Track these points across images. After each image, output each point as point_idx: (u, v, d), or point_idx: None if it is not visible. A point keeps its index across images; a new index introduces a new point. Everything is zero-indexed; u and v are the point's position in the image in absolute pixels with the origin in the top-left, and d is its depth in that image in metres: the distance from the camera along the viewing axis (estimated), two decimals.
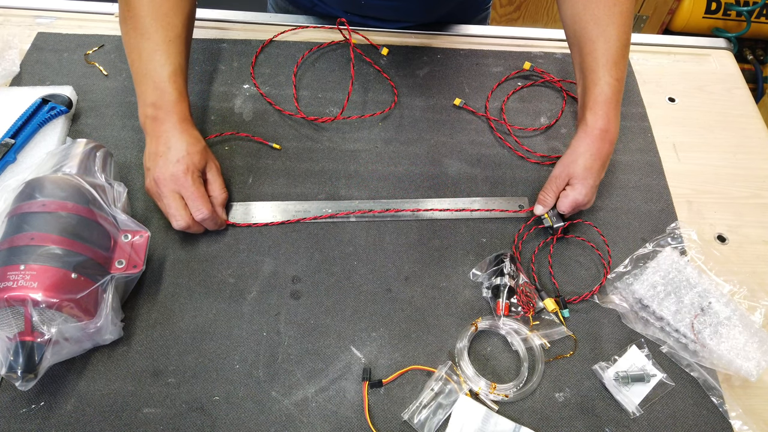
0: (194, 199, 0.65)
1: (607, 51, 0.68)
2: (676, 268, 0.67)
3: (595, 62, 0.68)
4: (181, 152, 0.65)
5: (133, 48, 0.69)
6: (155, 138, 0.66)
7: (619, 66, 0.68)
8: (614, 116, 0.68)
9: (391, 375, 0.61)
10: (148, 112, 0.67)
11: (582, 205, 0.69)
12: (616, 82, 0.68)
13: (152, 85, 0.67)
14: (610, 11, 0.69)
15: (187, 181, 0.64)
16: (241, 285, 0.66)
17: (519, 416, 0.60)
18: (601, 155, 0.67)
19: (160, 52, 0.67)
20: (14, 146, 0.71)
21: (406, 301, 0.67)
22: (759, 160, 0.83)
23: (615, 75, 0.68)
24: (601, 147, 0.67)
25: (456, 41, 0.94)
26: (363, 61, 0.89)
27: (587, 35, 0.70)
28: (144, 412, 0.58)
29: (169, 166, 0.64)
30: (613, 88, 0.67)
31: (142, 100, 0.68)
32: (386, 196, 0.75)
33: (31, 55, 0.84)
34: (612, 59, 0.68)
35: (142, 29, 0.68)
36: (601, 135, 0.67)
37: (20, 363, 0.53)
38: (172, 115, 0.66)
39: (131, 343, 0.62)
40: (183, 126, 0.67)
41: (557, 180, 0.69)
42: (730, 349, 0.62)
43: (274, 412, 0.59)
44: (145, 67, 0.67)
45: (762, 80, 2.02)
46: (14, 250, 0.55)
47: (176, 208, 0.64)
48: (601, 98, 0.67)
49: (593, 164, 0.67)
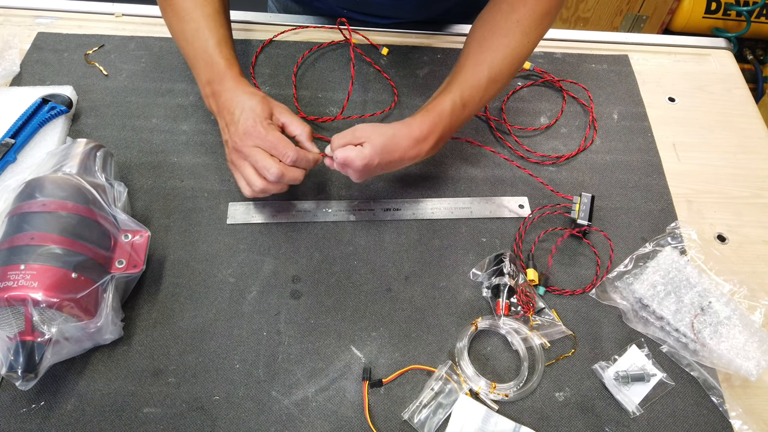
0: (276, 144, 0.61)
1: (472, 72, 0.67)
2: (676, 268, 0.67)
3: (457, 77, 0.68)
4: (242, 110, 0.63)
5: (178, 35, 0.70)
6: (219, 113, 0.66)
7: (474, 91, 0.67)
8: (439, 132, 0.65)
9: (391, 375, 0.61)
10: (207, 91, 0.67)
11: (351, 169, 0.64)
12: (462, 104, 0.66)
13: (203, 64, 0.67)
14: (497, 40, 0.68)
15: (260, 132, 0.61)
16: (241, 285, 0.66)
17: (519, 416, 0.60)
18: (403, 154, 0.64)
19: (202, 30, 0.68)
20: (14, 146, 0.71)
21: (406, 300, 0.67)
22: (759, 160, 0.83)
23: (465, 98, 0.66)
24: (409, 148, 0.64)
25: (456, 41, 0.94)
26: (363, 61, 0.89)
27: (467, 50, 0.70)
28: (144, 411, 0.58)
29: (239, 127, 0.62)
30: (454, 106, 0.66)
31: (199, 82, 0.68)
32: (386, 196, 0.75)
33: (31, 55, 0.84)
34: (471, 83, 0.67)
35: (182, 13, 0.69)
36: (417, 139, 0.64)
37: (20, 363, 0.53)
38: (225, 82, 0.66)
39: (131, 342, 0.62)
40: (238, 87, 0.65)
41: (356, 132, 0.64)
42: (730, 348, 0.62)
43: (275, 412, 0.59)
44: (192, 49, 0.68)
45: (762, 80, 2.02)
46: (14, 250, 0.55)
47: (263, 160, 0.61)
48: (438, 109, 0.65)
49: (391, 152, 0.63)
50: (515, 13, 0.68)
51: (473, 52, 0.69)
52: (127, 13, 0.91)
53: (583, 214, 0.72)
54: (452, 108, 0.66)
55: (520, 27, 0.68)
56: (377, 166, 0.64)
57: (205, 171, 0.75)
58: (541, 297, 0.67)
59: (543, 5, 0.68)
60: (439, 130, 0.65)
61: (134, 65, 0.85)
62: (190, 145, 0.77)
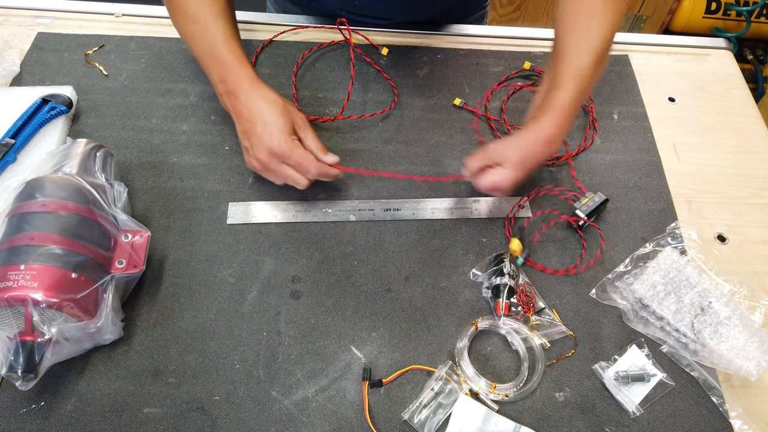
0: (299, 163, 0.66)
1: (577, 60, 0.68)
2: (676, 268, 0.67)
3: (562, 69, 0.68)
4: (265, 124, 0.65)
5: (187, 35, 0.71)
6: (238, 115, 0.67)
7: (584, 77, 0.67)
8: (565, 126, 0.67)
9: (392, 375, 0.61)
10: (220, 90, 0.68)
11: (501, 191, 0.67)
12: (578, 93, 0.67)
13: (214, 63, 0.68)
14: (590, 22, 0.68)
15: (285, 151, 0.65)
16: (241, 285, 0.66)
17: (519, 416, 0.60)
18: (539, 158, 0.67)
19: (210, 28, 0.68)
20: (14, 146, 0.71)
21: (406, 300, 0.67)
22: (759, 160, 0.83)
23: (578, 85, 0.67)
24: (543, 150, 0.66)
25: (456, 41, 0.94)
26: (363, 61, 0.89)
27: (563, 40, 0.70)
28: (144, 412, 0.58)
29: (264, 142, 0.65)
30: (572, 97, 0.67)
31: (212, 80, 0.69)
32: (386, 196, 0.75)
33: (31, 55, 0.84)
34: (576, 73, 0.67)
35: (189, 14, 0.69)
36: (548, 140, 0.66)
37: (20, 363, 0.53)
38: (240, 83, 0.67)
39: (131, 343, 0.62)
40: (255, 90, 0.67)
41: (490, 154, 0.67)
42: (730, 348, 0.62)
43: (275, 412, 0.59)
44: (201, 49, 0.69)
45: (762, 80, 2.02)
46: (14, 250, 0.55)
47: (293, 176, 0.66)
48: (558, 105, 0.66)
49: (530, 160, 0.66)
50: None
51: (570, 41, 0.69)
52: (127, 13, 0.91)
53: (585, 208, 0.72)
54: (571, 100, 0.67)
55: (607, 3, 0.68)
56: (522, 177, 0.67)
57: (205, 171, 0.75)
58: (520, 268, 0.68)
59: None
60: (564, 124, 0.67)
61: (134, 65, 0.85)
62: (190, 145, 0.77)
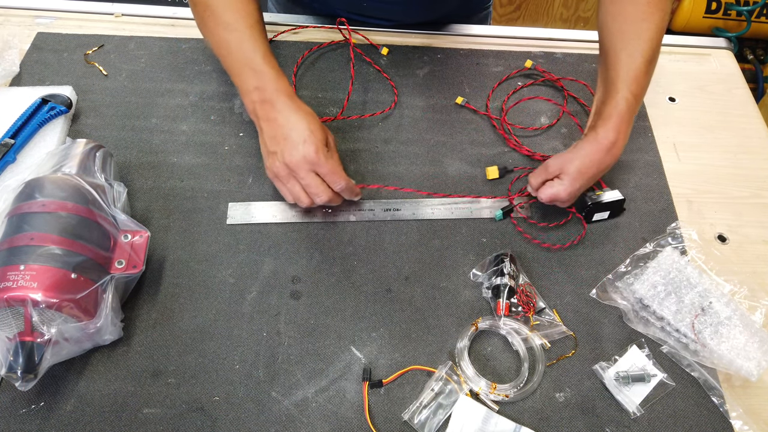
0: (331, 173, 0.65)
1: (629, 65, 0.68)
2: (676, 268, 0.67)
3: (615, 75, 0.68)
4: (304, 132, 0.64)
5: (220, 44, 0.70)
6: (270, 121, 0.66)
7: (639, 82, 0.68)
8: (624, 131, 0.67)
9: (392, 375, 0.61)
10: (254, 97, 0.67)
11: (560, 201, 0.69)
12: (633, 98, 0.68)
13: (250, 72, 0.68)
14: (638, 26, 0.69)
15: (320, 159, 0.64)
16: (241, 285, 0.66)
17: (519, 416, 0.60)
18: (600, 166, 0.67)
19: (247, 40, 0.68)
20: (14, 146, 0.71)
21: (406, 301, 0.67)
22: (759, 160, 0.83)
23: (633, 90, 0.67)
24: (603, 158, 0.67)
25: (456, 41, 0.94)
26: (363, 61, 0.89)
27: (612, 47, 0.70)
28: (144, 412, 0.58)
29: (299, 148, 0.64)
30: (628, 103, 0.67)
31: (244, 89, 0.68)
32: (386, 197, 0.75)
33: (31, 55, 0.84)
34: (632, 75, 0.68)
35: (224, 24, 0.69)
36: (607, 148, 0.67)
37: (20, 363, 0.53)
38: (278, 93, 0.67)
39: (131, 343, 0.62)
40: (294, 103, 0.67)
41: (549, 168, 0.69)
42: (730, 348, 0.62)
43: (274, 413, 0.59)
44: (237, 58, 0.69)
45: (762, 80, 2.02)
46: (14, 250, 0.55)
47: (317, 186, 0.65)
48: (615, 112, 0.67)
49: (588, 170, 0.67)
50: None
51: (620, 46, 0.69)
52: (127, 13, 0.91)
53: (595, 197, 0.72)
54: (627, 106, 0.67)
55: (652, 6, 0.69)
56: (581, 187, 0.68)
57: (204, 171, 0.75)
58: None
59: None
60: (624, 130, 0.67)
61: (134, 65, 0.85)
62: (189, 146, 0.77)
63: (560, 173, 0.68)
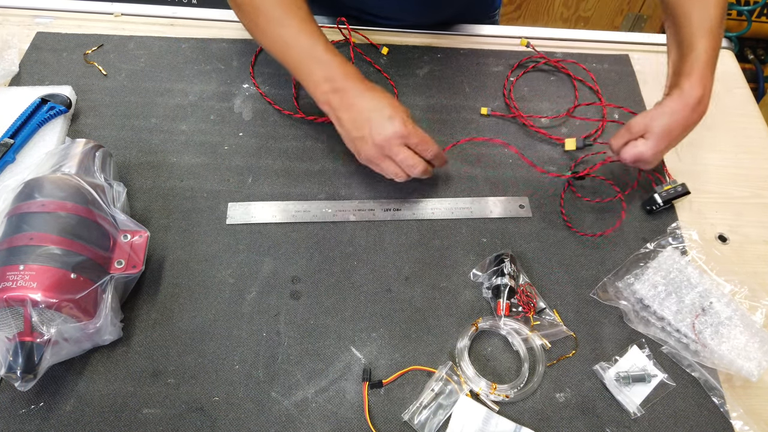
0: (422, 142, 0.66)
1: (702, 20, 0.67)
2: (677, 268, 0.67)
3: (690, 31, 0.67)
4: (387, 109, 0.65)
5: (276, 40, 0.69)
6: (349, 107, 0.66)
7: (714, 35, 0.66)
8: (709, 86, 0.66)
9: (392, 375, 0.61)
10: (326, 88, 0.66)
11: (645, 162, 0.68)
12: (712, 50, 0.66)
13: (315, 63, 0.67)
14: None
15: (410, 130, 0.65)
16: (240, 285, 0.66)
17: (519, 417, 0.60)
18: (687, 125, 0.66)
19: (304, 33, 0.67)
20: (13, 146, 0.71)
21: (407, 301, 0.67)
22: (760, 160, 0.83)
23: (711, 43, 0.66)
24: (690, 116, 0.65)
25: (456, 41, 0.94)
26: (363, 61, 0.88)
27: (682, 9, 0.69)
28: (144, 412, 0.58)
29: (387, 126, 0.64)
30: (708, 56, 0.66)
31: (312, 81, 0.67)
32: (386, 197, 0.75)
33: (30, 55, 0.84)
34: (706, 28, 0.66)
35: (278, 20, 0.68)
36: (694, 104, 0.65)
37: (20, 363, 0.52)
38: (350, 79, 0.66)
39: (131, 343, 0.62)
40: (368, 86, 0.67)
41: (633, 128, 0.68)
42: (731, 349, 0.62)
43: (274, 413, 0.59)
44: (298, 52, 0.68)
45: (763, 80, 2.01)
46: (13, 250, 0.54)
47: (412, 157, 0.66)
48: (697, 64, 0.65)
49: (675, 129, 0.65)
50: None
51: (688, 10, 0.68)
52: (127, 12, 0.91)
53: (665, 194, 0.73)
54: (708, 58, 0.66)
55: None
56: (667, 147, 0.66)
57: (204, 171, 0.75)
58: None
59: None
60: (708, 84, 0.66)
61: (133, 65, 0.85)
62: (189, 145, 0.77)
63: (645, 132, 0.66)
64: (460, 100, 0.85)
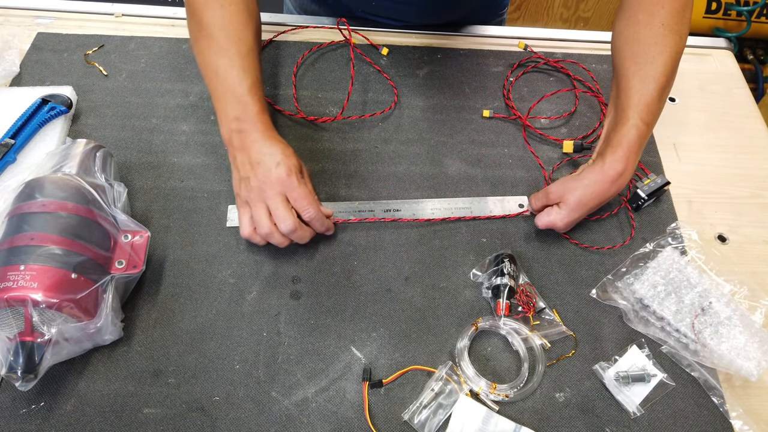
0: (302, 198, 0.64)
1: (641, 92, 0.67)
2: (676, 268, 0.67)
3: (627, 101, 0.67)
4: (278, 156, 0.64)
5: (208, 66, 0.69)
6: (244, 149, 0.65)
7: (650, 109, 0.67)
8: (633, 161, 0.66)
9: (392, 375, 0.61)
10: (233, 126, 0.66)
11: (556, 229, 0.69)
12: (645, 125, 0.66)
13: (233, 100, 0.66)
14: (652, 50, 0.67)
15: (293, 182, 0.63)
16: (241, 285, 0.66)
17: (519, 416, 0.60)
18: (603, 197, 0.67)
19: (237, 67, 0.67)
20: (14, 146, 0.71)
21: (407, 301, 0.67)
22: (759, 160, 0.83)
23: (644, 118, 0.66)
24: (608, 190, 0.66)
25: (456, 41, 0.94)
26: (363, 61, 0.89)
27: (625, 71, 0.69)
28: (144, 412, 0.58)
29: (272, 170, 0.63)
30: (639, 131, 0.66)
31: (224, 115, 0.67)
32: (386, 197, 0.75)
33: (31, 56, 0.84)
34: (644, 101, 0.67)
35: (217, 47, 0.68)
36: (613, 178, 0.66)
37: (20, 363, 0.53)
38: (257, 125, 0.66)
39: (131, 343, 0.62)
40: (271, 134, 0.66)
41: (550, 195, 0.69)
42: (730, 349, 0.62)
43: (274, 413, 0.59)
44: (223, 84, 0.67)
45: (762, 80, 2.02)
46: (14, 251, 0.55)
47: (284, 210, 0.63)
48: (625, 140, 0.66)
49: (589, 201, 0.67)
50: (656, 18, 0.67)
51: (632, 70, 0.68)
52: (127, 13, 0.91)
53: (647, 188, 0.74)
54: (638, 134, 0.66)
55: (667, 29, 0.67)
56: (580, 217, 0.68)
57: (205, 171, 0.75)
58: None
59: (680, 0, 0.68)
60: (632, 159, 0.66)
61: (134, 65, 0.85)
62: (190, 146, 0.77)
63: (560, 201, 0.68)
64: (460, 100, 0.86)
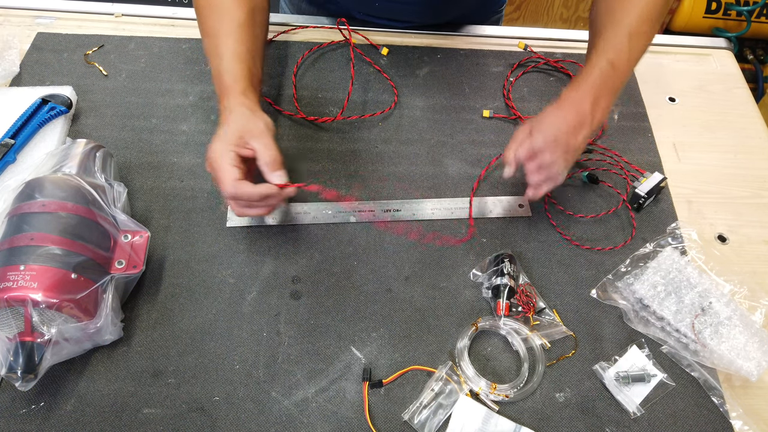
0: (217, 176, 0.61)
1: (610, 39, 0.66)
2: (676, 268, 0.67)
3: (595, 49, 0.67)
4: (220, 132, 0.62)
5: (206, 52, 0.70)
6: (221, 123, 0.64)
7: (617, 50, 0.65)
8: (599, 100, 0.64)
9: (392, 375, 0.61)
10: (220, 107, 0.66)
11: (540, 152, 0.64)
12: (610, 67, 0.65)
13: (216, 81, 0.67)
14: (625, 4, 0.67)
15: (213, 158, 0.61)
16: (241, 285, 0.66)
17: (519, 416, 0.60)
18: (567, 120, 0.64)
19: (220, 46, 0.67)
20: (14, 146, 0.71)
21: (407, 301, 0.67)
22: (759, 160, 0.83)
23: (611, 58, 0.65)
24: (567, 114, 0.64)
25: (456, 41, 0.94)
26: (363, 61, 0.89)
27: (599, 27, 0.69)
28: (144, 412, 0.58)
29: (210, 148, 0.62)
30: (603, 72, 0.65)
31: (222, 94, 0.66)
32: (386, 197, 0.75)
33: (31, 56, 0.84)
34: (611, 44, 0.65)
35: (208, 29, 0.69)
36: (569, 104, 0.64)
37: (20, 363, 0.53)
38: (229, 98, 0.64)
39: (131, 343, 0.62)
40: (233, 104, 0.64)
41: (518, 135, 0.66)
42: (730, 349, 0.62)
43: (274, 413, 0.59)
44: (213, 67, 0.68)
45: (762, 80, 2.01)
46: (14, 251, 0.55)
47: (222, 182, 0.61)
48: (584, 80, 0.65)
49: (556, 121, 0.64)
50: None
51: (606, 20, 0.68)
52: (127, 13, 0.91)
53: (645, 186, 0.74)
54: (601, 74, 0.65)
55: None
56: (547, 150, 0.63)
57: (205, 171, 0.74)
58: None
59: None
60: (592, 93, 0.64)
61: (134, 65, 0.85)
62: (189, 146, 0.77)
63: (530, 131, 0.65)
64: (460, 100, 0.86)
